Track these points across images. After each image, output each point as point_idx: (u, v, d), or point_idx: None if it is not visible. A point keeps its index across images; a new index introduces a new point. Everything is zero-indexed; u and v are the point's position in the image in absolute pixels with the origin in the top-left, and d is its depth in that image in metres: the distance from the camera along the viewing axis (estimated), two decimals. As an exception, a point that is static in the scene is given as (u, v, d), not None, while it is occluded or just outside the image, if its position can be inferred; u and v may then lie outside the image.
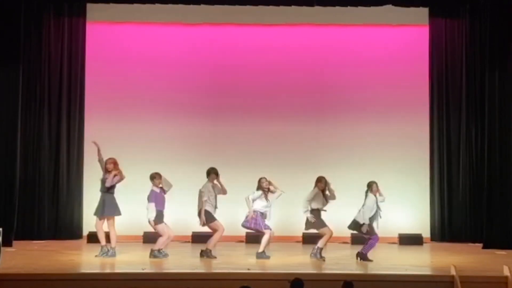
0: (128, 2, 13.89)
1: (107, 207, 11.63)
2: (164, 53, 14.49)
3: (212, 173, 11.82)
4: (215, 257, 11.57)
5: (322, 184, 11.70)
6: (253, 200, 11.54)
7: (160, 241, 11.59)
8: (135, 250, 12.48)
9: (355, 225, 11.64)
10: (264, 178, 11.67)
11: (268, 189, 11.60)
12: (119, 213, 11.75)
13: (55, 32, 14.08)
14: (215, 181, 11.82)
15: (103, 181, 11.69)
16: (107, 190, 11.62)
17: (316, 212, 11.65)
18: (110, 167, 11.66)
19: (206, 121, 14.45)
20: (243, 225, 11.79)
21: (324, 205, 11.72)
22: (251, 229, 11.80)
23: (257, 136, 14.38)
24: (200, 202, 11.68)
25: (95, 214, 11.77)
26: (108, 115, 14.35)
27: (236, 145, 14.32)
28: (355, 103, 14.45)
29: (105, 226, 11.72)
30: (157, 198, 11.59)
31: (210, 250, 11.66)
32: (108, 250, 11.60)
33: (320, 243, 11.63)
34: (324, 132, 14.45)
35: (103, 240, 11.65)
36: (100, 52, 14.39)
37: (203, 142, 14.24)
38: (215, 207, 11.73)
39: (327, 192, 11.73)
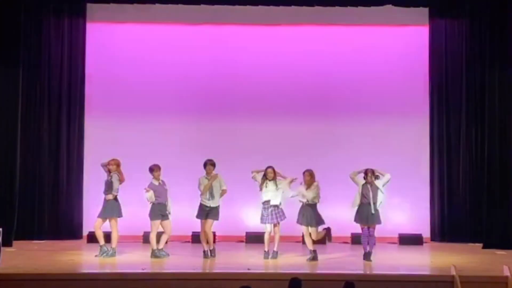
0: (128, 2, 13.91)
1: (109, 208, 11.65)
2: (164, 53, 14.48)
3: (208, 164, 11.75)
4: (214, 256, 11.62)
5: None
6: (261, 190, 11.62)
7: (152, 238, 11.56)
8: (135, 250, 12.48)
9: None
10: (271, 168, 11.68)
11: (269, 179, 11.59)
12: (118, 215, 11.75)
13: (55, 32, 14.07)
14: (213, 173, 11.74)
15: (106, 183, 11.69)
16: (108, 192, 11.64)
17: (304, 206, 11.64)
18: (113, 168, 11.67)
19: (206, 121, 14.41)
20: None
21: (303, 196, 11.65)
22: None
23: (257, 136, 14.34)
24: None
25: (98, 215, 11.77)
26: (108, 115, 14.34)
27: (237, 145, 14.27)
28: (355, 103, 14.43)
29: (105, 226, 11.74)
30: (157, 191, 11.58)
31: (214, 249, 11.69)
32: (107, 250, 11.59)
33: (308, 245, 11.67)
34: (323, 132, 14.41)
35: (101, 240, 11.64)
36: (100, 52, 14.39)
37: (203, 142, 14.18)
38: (208, 199, 11.64)
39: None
